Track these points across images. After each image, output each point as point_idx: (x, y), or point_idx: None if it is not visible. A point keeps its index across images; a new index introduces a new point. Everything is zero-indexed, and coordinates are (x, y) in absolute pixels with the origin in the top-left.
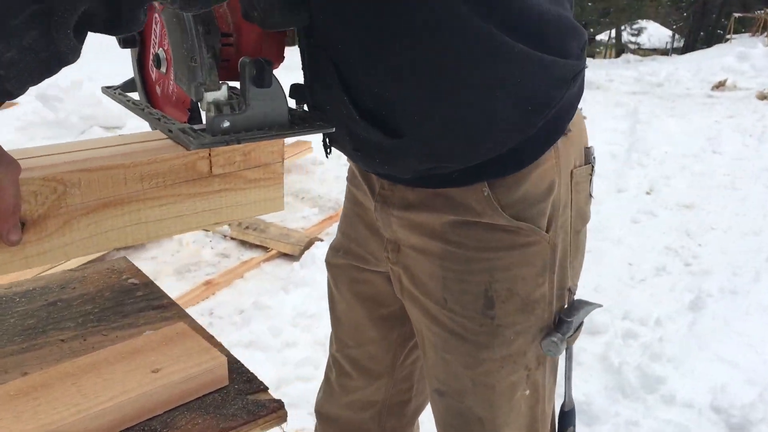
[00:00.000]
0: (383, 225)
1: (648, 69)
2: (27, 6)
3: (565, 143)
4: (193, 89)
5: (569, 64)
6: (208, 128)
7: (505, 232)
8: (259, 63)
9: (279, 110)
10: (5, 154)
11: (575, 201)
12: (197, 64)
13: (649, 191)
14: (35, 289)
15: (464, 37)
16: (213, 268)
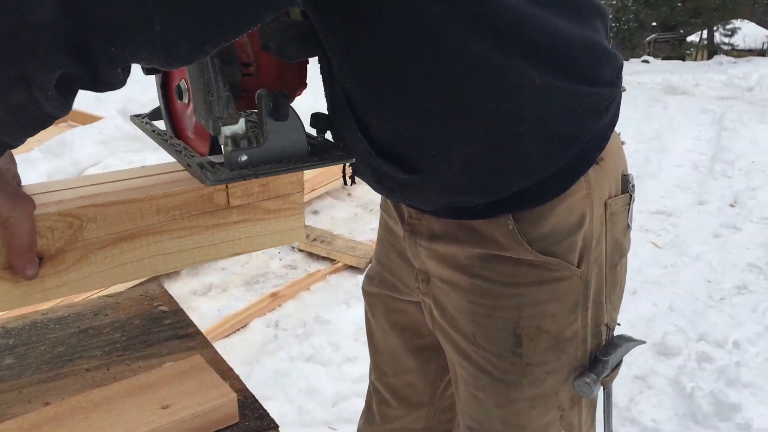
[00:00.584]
0: (412, 254)
1: (738, 72)
2: (4, 70)
3: (598, 172)
4: (211, 123)
5: (601, 93)
6: (226, 162)
7: (532, 266)
8: (275, 96)
9: (298, 142)
10: (20, 191)
11: (611, 233)
12: (214, 98)
13: (733, 204)
14: (70, 316)
15: (479, 70)
16: (280, 279)
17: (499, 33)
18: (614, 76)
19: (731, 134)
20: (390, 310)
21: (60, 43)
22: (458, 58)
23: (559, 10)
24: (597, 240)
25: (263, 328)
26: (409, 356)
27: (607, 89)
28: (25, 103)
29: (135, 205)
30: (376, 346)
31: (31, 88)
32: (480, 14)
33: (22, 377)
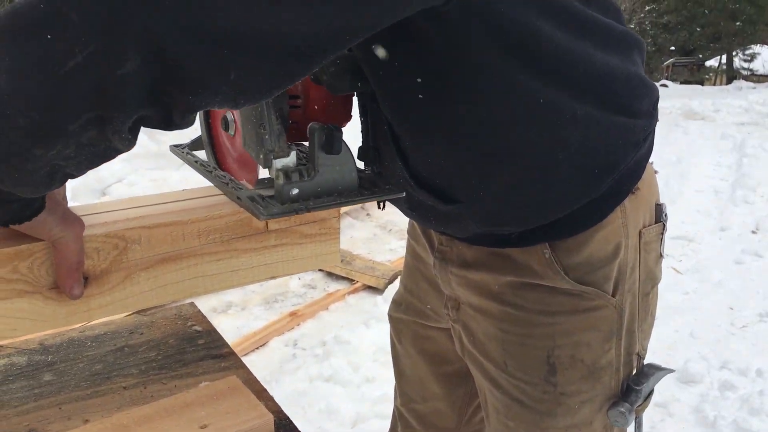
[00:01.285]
0: (442, 282)
1: (758, 98)
2: (83, 113)
3: (633, 202)
4: (262, 156)
5: (639, 125)
6: (277, 196)
7: (567, 295)
8: (329, 130)
9: (348, 176)
10: (70, 212)
11: (644, 262)
12: (266, 131)
13: (756, 230)
14: (106, 333)
15: (522, 102)
16: (299, 298)
17: (541, 65)
18: (651, 107)
19: (752, 161)
20: (417, 336)
21: (142, 94)
22: (501, 91)
23: (599, 42)
24: (631, 269)
25: (282, 347)
26: (436, 383)
27: (645, 120)
28: (95, 140)
29: (178, 227)
30: (401, 372)
31: (105, 128)
32: (523, 46)
33: (61, 394)
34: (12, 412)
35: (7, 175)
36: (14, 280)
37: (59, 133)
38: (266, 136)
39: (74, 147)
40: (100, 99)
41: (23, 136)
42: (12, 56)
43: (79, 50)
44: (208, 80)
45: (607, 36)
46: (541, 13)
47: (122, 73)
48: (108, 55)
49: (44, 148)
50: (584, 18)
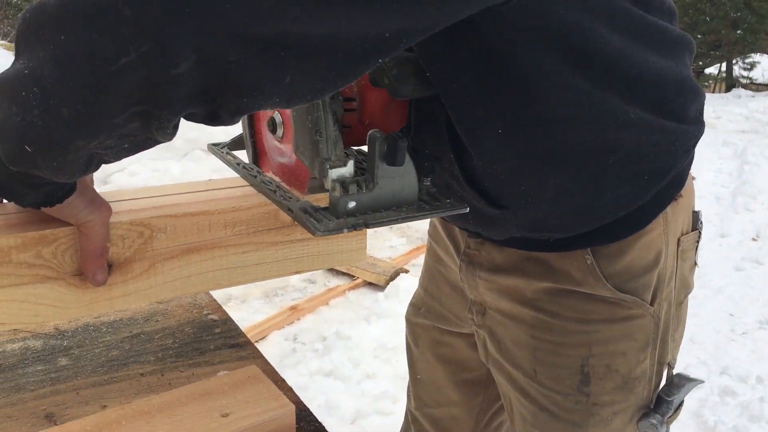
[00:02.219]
0: (468, 286)
1: (759, 106)
2: (130, 107)
3: (675, 209)
4: (317, 165)
5: (689, 131)
6: (331, 208)
7: (605, 303)
8: (392, 139)
9: (409, 189)
10: (98, 196)
11: (680, 270)
12: (322, 138)
13: (756, 238)
14: (121, 320)
15: (575, 103)
16: (300, 293)
17: (595, 67)
18: (698, 113)
19: (753, 168)
20: (435, 342)
21: (194, 93)
22: (554, 91)
23: (655, 46)
24: (669, 277)
25: (282, 341)
26: (454, 389)
27: (693, 127)
28: (137, 132)
29: (205, 217)
30: (417, 376)
31: (150, 122)
32: (577, 49)
33: (78, 379)
34: (29, 395)
35: (46, 163)
36: (37, 265)
37: (104, 126)
38: (322, 143)
39: (116, 138)
40: (149, 96)
41: (66, 127)
42: (58, 46)
43: (133, 48)
44: (263, 84)
45: (663, 39)
46: (598, 16)
47: (176, 73)
48: (162, 55)
49: (87, 140)
50: (643, 22)
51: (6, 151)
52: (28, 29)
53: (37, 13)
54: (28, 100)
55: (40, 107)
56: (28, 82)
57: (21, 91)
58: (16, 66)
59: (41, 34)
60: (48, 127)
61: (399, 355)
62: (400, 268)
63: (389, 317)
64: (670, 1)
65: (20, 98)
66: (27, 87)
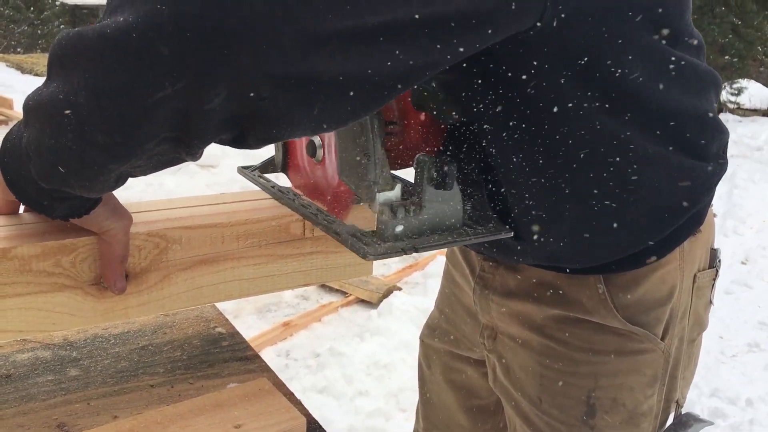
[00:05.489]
0: (481, 309)
1: (747, 131)
2: (161, 134)
3: (692, 244)
4: (364, 189)
5: (710, 170)
6: (379, 232)
7: (615, 335)
8: (442, 163)
9: (454, 212)
10: (120, 205)
11: (695, 307)
12: (370, 161)
13: (745, 261)
14: (129, 332)
15: (594, 134)
16: (292, 309)
17: (614, 99)
18: (721, 150)
19: (742, 192)
20: (447, 367)
21: (225, 124)
22: (573, 121)
23: (678, 82)
24: (682, 313)
25: (274, 357)
26: (464, 415)
27: (714, 165)
28: (166, 153)
29: (218, 230)
30: (428, 397)
31: (179, 147)
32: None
33: (88, 389)
34: (40, 405)
35: (77, 182)
36: (56, 273)
37: (136, 151)
38: (370, 167)
39: (145, 159)
40: (182, 126)
41: (100, 153)
42: (95, 76)
43: (169, 84)
44: (291, 116)
45: (689, 75)
46: (622, 48)
47: (209, 107)
48: (197, 91)
49: (118, 164)
50: (669, 57)
51: (38, 169)
52: (63, 55)
53: (74, 41)
54: (62, 124)
55: (74, 132)
56: (62, 106)
57: (55, 114)
58: (49, 89)
59: (77, 61)
60: (82, 152)
61: (392, 373)
62: (393, 286)
63: (382, 335)
64: (698, 34)
65: (54, 122)
66: (61, 111)
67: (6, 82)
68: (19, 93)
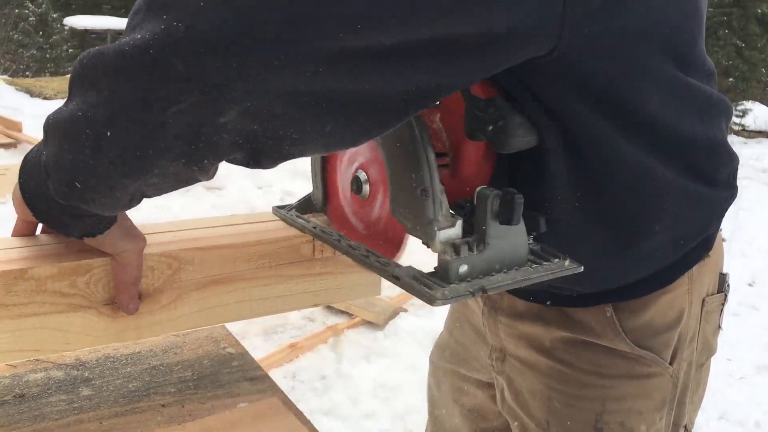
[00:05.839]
0: (490, 331)
1: (752, 153)
2: (175, 150)
3: (701, 268)
4: (422, 228)
5: (721, 196)
6: (442, 273)
7: (623, 358)
8: (508, 196)
9: (519, 248)
10: (134, 227)
11: (703, 332)
12: (428, 197)
13: (752, 283)
14: (140, 352)
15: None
16: (298, 330)
17: (631, 125)
18: (731, 177)
19: (748, 214)
20: (456, 389)
21: (237, 141)
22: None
23: (689, 107)
24: (690, 338)
25: (281, 379)
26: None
27: (726, 192)
28: (180, 171)
29: (230, 251)
30: (437, 418)
31: (193, 164)
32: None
33: (100, 408)
34: (53, 424)
35: (93, 199)
36: (71, 294)
37: (150, 167)
38: (428, 203)
39: (160, 177)
40: (195, 141)
41: (115, 168)
42: (112, 92)
43: (184, 98)
44: (303, 133)
45: (700, 102)
46: (637, 74)
47: (222, 121)
48: (210, 105)
49: (133, 179)
50: (681, 84)
51: (56, 186)
52: (83, 73)
53: (94, 60)
54: (80, 141)
55: (92, 148)
56: (81, 123)
57: (74, 131)
58: (69, 107)
59: (96, 79)
60: (98, 167)
61: (398, 395)
62: (399, 307)
63: (389, 356)
64: (710, 61)
65: (72, 138)
66: (80, 128)
67: (15, 105)
68: (28, 116)
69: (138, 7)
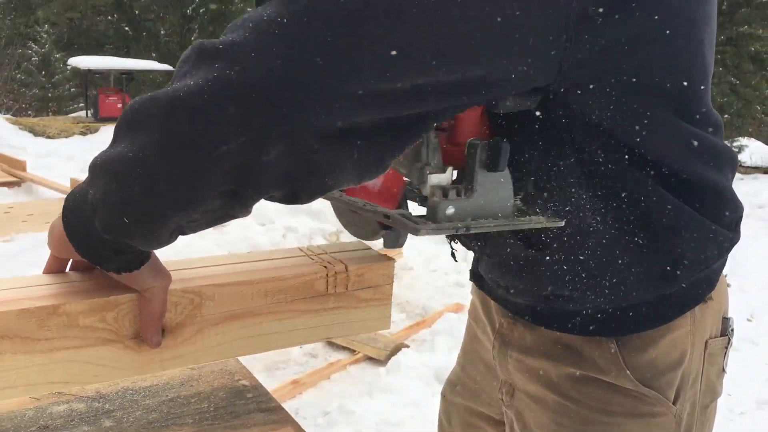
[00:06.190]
0: (500, 365)
1: (749, 189)
2: (219, 185)
3: (704, 311)
4: (416, 171)
5: (723, 233)
6: (430, 214)
7: (628, 396)
8: (495, 143)
9: (504, 197)
10: (162, 266)
11: (706, 373)
12: (422, 143)
13: (750, 318)
14: (158, 385)
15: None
16: (301, 367)
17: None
18: (735, 222)
19: (745, 250)
20: (467, 424)
21: (278, 177)
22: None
23: (700, 155)
24: (693, 379)
25: None
26: None
27: (728, 231)
28: (219, 208)
29: (247, 287)
30: None
31: (234, 201)
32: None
33: None
34: None
35: (139, 233)
36: (100, 328)
37: (196, 202)
38: (423, 148)
39: (201, 212)
40: (240, 178)
41: (163, 201)
42: (165, 132)
43: (233, 138)
44: (338, 164)
45: (705, 151)
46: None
47: (266, 159)
48: (257, 145)
49: (179, 213)
50: (686, 134)
51: (103, 221)
52: (134, 117)
53: (146, 104)
54: (130, 178)
55: (141, 184)
56: (131, 163)
57: (124, 170)
58: (117, 149)
59: (148, 122)
60: (146, 202)
61: (401, 430)
62: (401, 343)
63: (392, 392)
64: (716, 114)
65: (122, 176)
66: (130, 167)
67: (19, 144)
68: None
69: (186, 56)
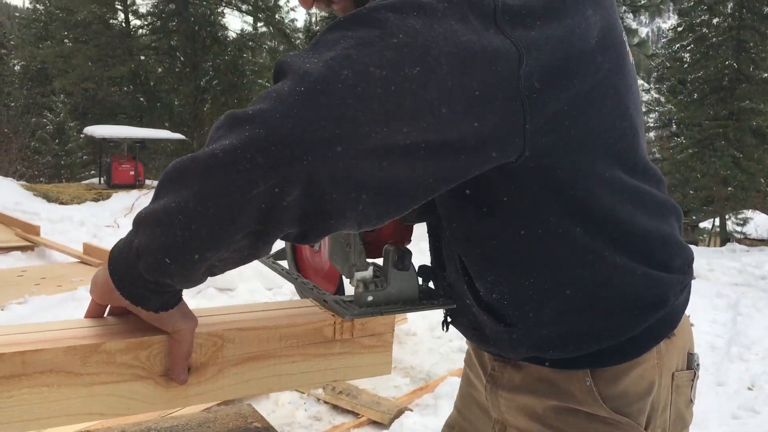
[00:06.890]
0: (492, 405)
1: (752, 260)
2: (249, 226)
3: (668, 346)
4: (347, 269)
5: (674, 279)
6: (356, 301)
7: (604, 423)
8: (402, 252)
9: (411, 288)
10: (189, 310)
11: (675, 403)
12: (351, 249)
13: (751, 387)
14: (178, 425)
15: (570, 247)
16: (305, 430)
17: (589, 219)
18: (686, 265)
19: (746, 320)
20: None
21: (296, 217)
22: (552, 238)
23: (643, 206)
24: (663, 407)
25: None
26: None
27: (679, 276)
28: (245, 248)
29: (264, 332)
30: None
31: (258, 239)
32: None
33: None
34: None
35: (178, 272)
36: (134, 366)
37: (229, 241)
38: (351, 253)
39: (231, 251)
40: (265, 218)
41: (201, 243)
42: (203, 184)
43: (263, 182)
44: (345, 211)
45: (647, 202)
46: (594, 177)
47: (287, 201)
48: (281, 189)
49: (213, 252)
50: (631, 186)
51: (147, 264)
52: (176, 175)
53: (187, 163)
54: (173, 225)
55: (183, 229)
56: (174, 211)
57: (167, 219)
58: (160, 203)
59: (188, 178)
60: (187, 244)
61: None
62: (405, 407)
63: None
64: (656, 169)
65: (165, 224)
66: (173, 215)
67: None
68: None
69: (220, 123)
